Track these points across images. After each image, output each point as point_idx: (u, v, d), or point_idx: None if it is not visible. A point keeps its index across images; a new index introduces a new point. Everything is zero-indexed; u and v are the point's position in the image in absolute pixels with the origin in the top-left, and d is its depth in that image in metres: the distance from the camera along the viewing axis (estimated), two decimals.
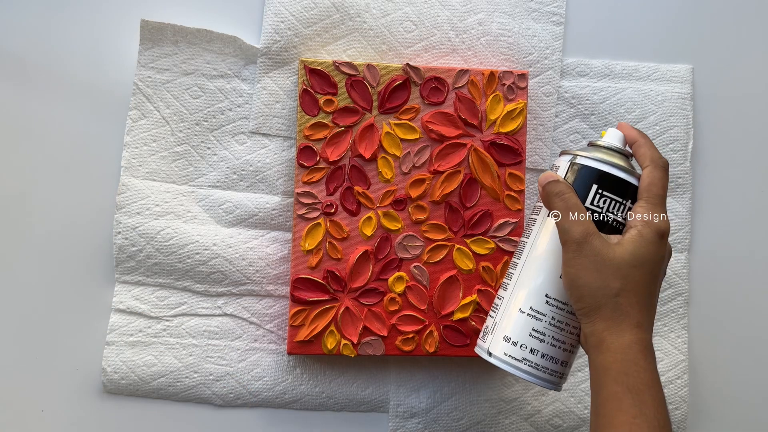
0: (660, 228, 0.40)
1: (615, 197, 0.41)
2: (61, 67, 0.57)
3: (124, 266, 0.55)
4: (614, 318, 0.39)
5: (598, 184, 0.41)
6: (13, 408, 0.55)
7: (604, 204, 0.41)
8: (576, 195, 0.41)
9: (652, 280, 0.40)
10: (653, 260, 0.40)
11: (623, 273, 0.39)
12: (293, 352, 0.53)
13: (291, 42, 0.56)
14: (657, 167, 0.41)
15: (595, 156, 0.42)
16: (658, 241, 0.40)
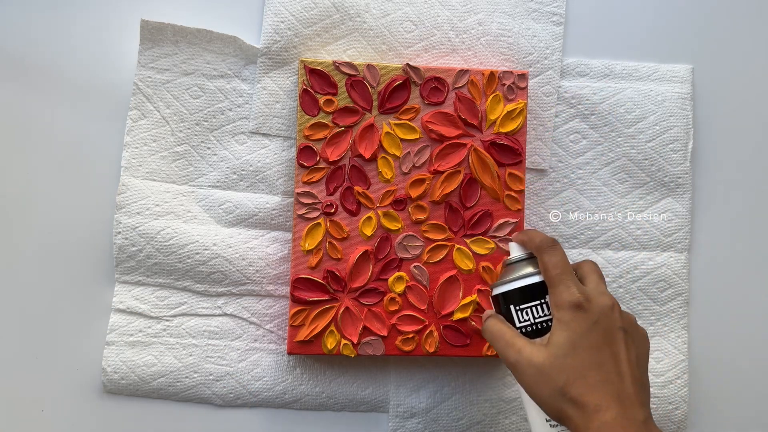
0: (568, 301, 0.40)
1: (531, 304, 0.43)
2: (61, 67, 0.57)
3: (124, 266, 0.55)
4: (578, 414, 0.38)
5: (512, 303, 0.44)
6: (13, 408, 0.55)
7: (529, 315, 0.43)
8: (499, 325, 0.43)
9: (601, 355, 0.39)
10: (585, 335, 0.40)
11: (560, 366, 0.39)
12: (293, 352, 0.54)
13: (291, 42, 0.56)
14: (542, 252, 0.43)
15: (500, 281, 0.45)
16: (575, 314, 0.40)
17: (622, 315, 0.42)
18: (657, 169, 0.58)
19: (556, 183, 0.58)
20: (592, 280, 0.43)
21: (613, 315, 0.41)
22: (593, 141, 0.58)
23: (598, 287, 0.42)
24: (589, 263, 0.45)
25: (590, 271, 0.44)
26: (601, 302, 0.41)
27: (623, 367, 0.39)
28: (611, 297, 0.42)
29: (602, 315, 0.40)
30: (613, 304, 0.41)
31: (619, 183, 0.58)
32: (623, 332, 0.40)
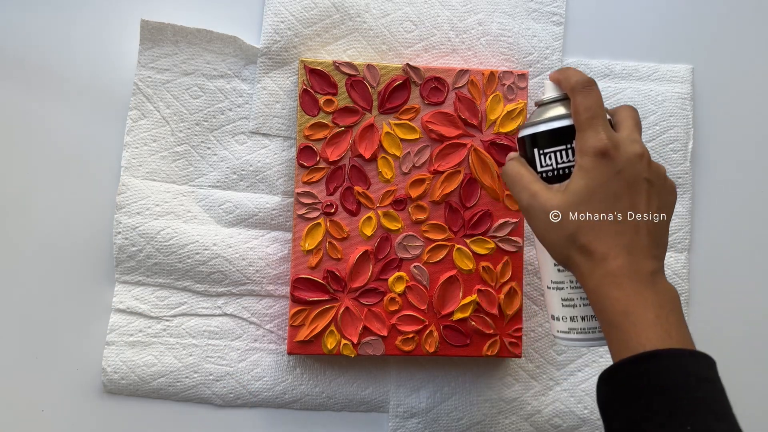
0: (593, 147, 0.38)
1: (556, 148, 0.41)
2: (61, 67, 0.57)
3: (124, 266, 0.55)
4: (584, 261, 0.38)
5: (536, 146, 0.42)
6: (13, 408, 0.55)
7: (551, 160, 0.41)
8: (517, 168, 0.42)
9: (618, 204, 0.38)
10: (606, 183, 0.38)
11: (572, 210, 0.38)
12: (293, 352, 0.53)
13: (291, 42, 0.56)
14: (575, 92, 0.40)
15: (529, 122, 0.43)
16: (599, 162, 0.38)
17: (651, 165, 0.39)
18: None
19: None
20: (627, 127, 0.40)
21: (640, 164, 0.39)
22: None
23: (631, 135, 0.40)
24: (627, 108, 0.42)
25: (627, 116, 0.41)
26: (630, 150, 0.39)
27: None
28: (642, 145, 0.39)
29: (628, 164, 0.38)
30: (642, 153, 0.39)
31: None
32: (647, 183, 0.39)
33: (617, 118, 0.42)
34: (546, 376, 0.57)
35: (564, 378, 0.57)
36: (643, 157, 0.39)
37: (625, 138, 0.39)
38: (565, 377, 0.57)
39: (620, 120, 0.41)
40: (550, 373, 0.57)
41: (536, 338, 0.57)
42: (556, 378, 0.57)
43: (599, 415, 0.57)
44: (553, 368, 0.57)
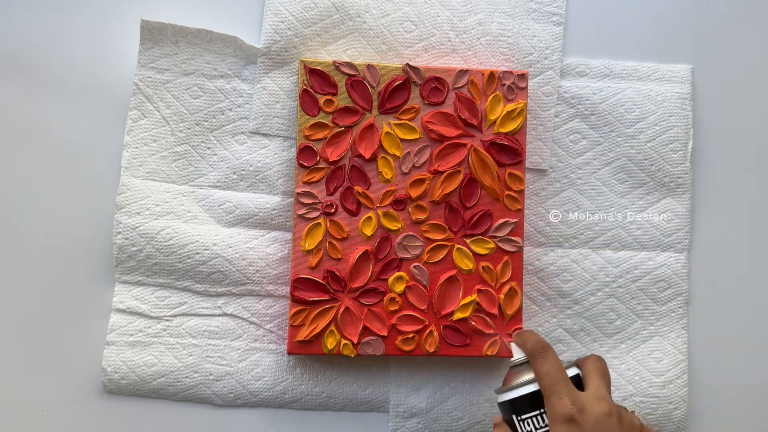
0: (559, 414, 0.39)
1: (532, 414, 0.42)
2: (61, 67, 0.57)
3: (125, 266, 0.55)
4: None
5: (514, 412, 0.43)
6: (13, 408, 0.55)
7: (531, 426, 0.42)
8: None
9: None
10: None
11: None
12: (293, 352, 0.54)
13: (291, 42, 0.56)
14: (533, 358, 0.42)
15: (505, 387, 0.44)
16: (568, 428, 0.39)
17: (622, 421, 0.40)
18: (657, 169, 0.58)
19: (556, 183, 0.58)
20: (592, 383, 0.41)
21: (608, 424, 0.39)
22: (593, 141, 0.58)
23: (596, 392, 0.40)
24: (592, 360, 0.43)
25: (592, 370, 0.42)
26: (597, 411, 0.39)
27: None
28: (608, 402, 0.40)
29: (596, 426, 0.38)
30: (609, 411, 0.39)
31: (619, 183, 0.58)
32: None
33: (584, 371, 0.42)
34: None
35: None
36: (611, 415, 0.39)
37: (591, 397, 0.40)
38: None
39: (586, 374, 0.42)
40: None
41: None
42: None
43: None
44: None
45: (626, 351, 0.58)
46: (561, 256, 0.58)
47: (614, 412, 0.39)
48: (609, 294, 0.58)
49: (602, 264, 0.58)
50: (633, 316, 0.58)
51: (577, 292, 0.58)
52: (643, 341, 0.58)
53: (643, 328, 0.58)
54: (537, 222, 0.58)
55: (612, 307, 0.58)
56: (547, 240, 0.58)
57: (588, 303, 0.58)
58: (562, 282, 0.58)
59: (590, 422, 0.39)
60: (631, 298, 0.58)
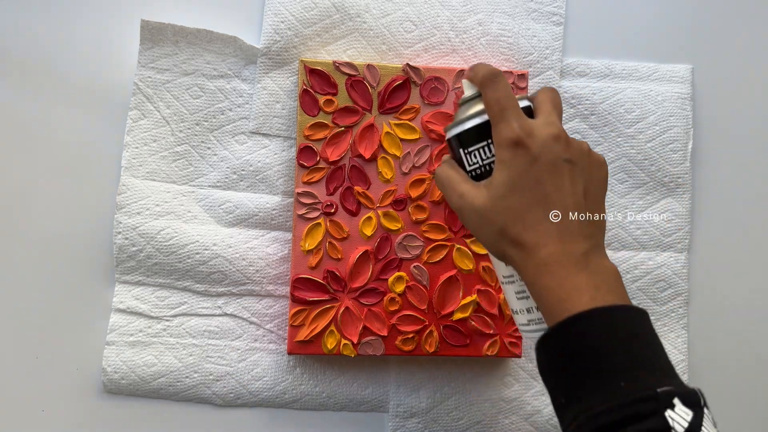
0: (507, 138, 0.38)
1: (479, 145, 0.40)
2: (61, 67, 0.57)
3: (125, 266, 0.55)
4: (517, 254, 0.37)
5: (462, 146, 0.41)
6: (13, 408, 0.55)
7: (477, 158, 0.41)
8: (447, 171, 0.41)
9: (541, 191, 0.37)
10: (525, 172, 0.37)
11: (499, 208, 0.38)
12: (293, 352, 0.54)
13: (291, 42, 0.56)
14: (484, 87, 0.40)
15: (453, 123, 0.42)
16: (514, 152, 0.37)
17: (569, 145, 0.38)
18: (657, 169, 0.58)
19: None
20: (543, 111, 0.40)
21: (556, 146, 0.37)
22: (593, 141, 0.58)
23: (547, 119, 0.39)
24: (544, 92, 0.41)
25: (544, 100, 0.40)
26: (544, 134, 0.37)
27: (567, 200, 0.37)
28: (557, 127, 0.38)
29: (544, 148, 0.37)
30: (557, 134, 0.38)
31: (619, 183, 0.58)
32: (568, 163, 0.38)
33: (535, 103, 0.41)
34: None
35: None
36: (559, 138, 0.38)
37: (540, 123, 0.39)
38: None
39: (538, 105, 0.40)
40: None
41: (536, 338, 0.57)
42: None
43: None
44: None
45: None
46: None
47: (563, 136, 0.38)
48: None
49: None
50: None
51: None
52: None
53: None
54: None
55: None
56: None
57: None
58: None
59: (537, 144, 0.37)
60: (631, 298, 0.58)
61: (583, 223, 0.37)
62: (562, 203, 0.37)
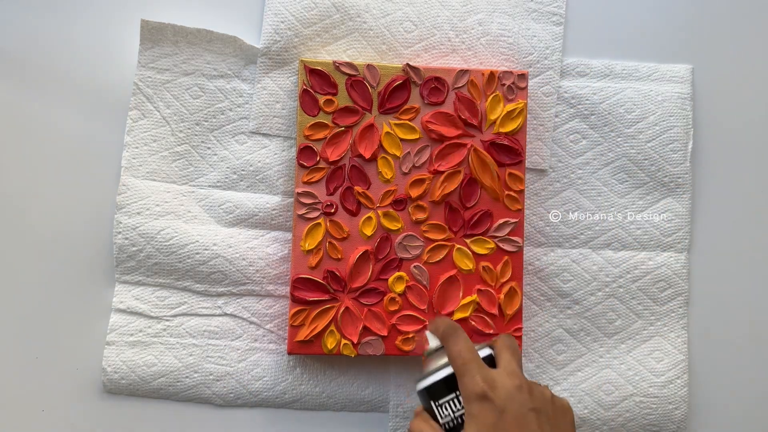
0: (472, 392, 0.39)
1: (448, 398, 0.42)
2: (61, 67, 0.57)
3: (125, 266, 0.55)
4: None
5: (432, 398, 0.43)
6: (13, 408, 0.55)
7: (448, 409, 0.42)
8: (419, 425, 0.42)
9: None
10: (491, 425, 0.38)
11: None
12: (293, 352, 0.54)
13: (291, 42, 0.56)
14: (445, 341, 0.42)
15: (422, 375, 0.44)
16: (481, 406, 0.39)
17: (533, 393, 0.40)
18: (657, 169, 0.58)
19: (556, 183, 0.58)
20: (504, 359, 0.42)
21: (520, 396, 0.39)
22: (593, 141, 0.58)
23: (507, 367, 0.41)
24: (503, 339, 0.43)
25: (502, 347, 0.43)
26: (507, 386, 0.39)
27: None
28: (519, 376, 0.40)
29: (508, 400, 0.39)
30: (520, 385, 0.40)
31: (619, 183, 0.58)
32: (534, 413, 0.39)
33: (495, 351, 0.43)
34: (546, 376, 0.57)
35: (564, 378, 0.57)
36: (522, 388, 0.40)
37: (502, 373, 0.40)
38: (565, 377, 0.57)
39: (497, 353, 0.43)
40: (550, 373, 0.57)
41: (536, 338, 0.57)
42: (556, 378, 0.57)
43: (599, 415, 0.57)
44: (553, 368, 0.57)
45: (626, 351, 0.58)
46: (561, 256, 0.58)
47: (525, 386, 0.40)
48: (609, 294, 0.58)
49: (602, 264, 0.58)
50: (633, 316, 0.58)
51: (577, 292, 0.58)
52: (643, 341, 0.58)
53: (643, 328, 0.58)
54: (537, 222, 0.58)
55: (612, 307, 0.58)
56: (547, 240, 0.58)
57: (588, 303, 0.58)
58: (562, 282, 0.58)
59: (502, 397, 0.39)
60: (631, 298, 0.58)
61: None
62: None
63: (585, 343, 0.58)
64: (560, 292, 0.58)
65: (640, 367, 0.57)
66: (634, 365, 0.57)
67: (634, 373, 0.57)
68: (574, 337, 0.58)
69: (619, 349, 0.58)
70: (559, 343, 0.57)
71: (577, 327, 0.58)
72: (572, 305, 0.58)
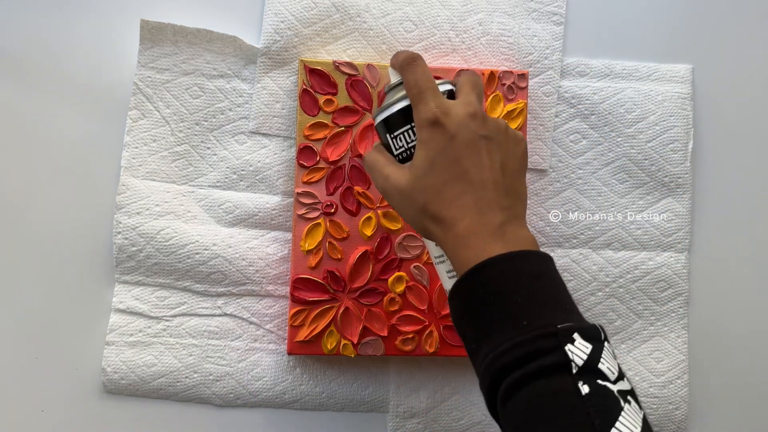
0: (425, 118, 0.39)
1: (402, 129, 0.41)
2: (61, 67, 0.57)
3: (124, 266, 0.55)
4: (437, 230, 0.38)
5: (387, 131, 0.42)
6: (13, 408, 0.55)
7: (402, 141, 0.42)
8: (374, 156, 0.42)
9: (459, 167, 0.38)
10: (443, 150, 0.38)
11: (420, 187, 0.39)
12: (293, 352, 0.53)
13: (291, 42, 0.56)
14: (403, 71, 0.41)
15: (378, 109, 0.43)
16: (433, 132, 0.39)
17: (486, 122, 0.39)
18: (657, 169, 0.58)
19: (556, 183, 0.58)
20: (463, 92, 0.41)
21: (473, 124, 0.39)
22: (593, 141, 0.58)
23: (465, 98, 0.40)
24: (464, 74, 0.43)
25: (464, 82, 0.42)
26: (460, 113, 0.39)
27: (484, 175, 0.38)
28: (474, 105, 0.40)
29: (461, 126, 0.38)
30: (474, 112, 0.39)
31: (619, 183, 0.58)
32: (485, 140, 0.39)
33: (457, 85, 0.42)
34: None
35: None
36: (476, 116, 0.39)
37: (458, 102, 0.40)
38: None
39: (458, 87, 0.42)
40: None
41: None
42: None
43: None
44: None
45: (626, 351, 0.58)
46: (561, 256, 0.58)
47: (479, 114, 0.39)
48: (609, 294, 0.58)
49: (602, 264, 0.58)
50: (633, 316, 0.58)
51: (577, 292, 0.57)
52: (644, 341, 0.58)
53: (644, 328, 0.58)
54: (537, 222, 0.58)
55: (612, 307, 0.58)
56: (547, 240, 0.58)
57: (588, 303, 0.58)
58: None
59: (454, 123, 0.39)
60: (632, 299, 0.58)
61: (500, 196, 0.38)
62: (480, 178, 0.38)
63: None
64: None
65: (640, 367, 0.57)
66: (634, 365, 0.57)
67: (634, 373, 0.57)
68: None
69: (620, 350, 0.58)
70: None
71: None
72: None
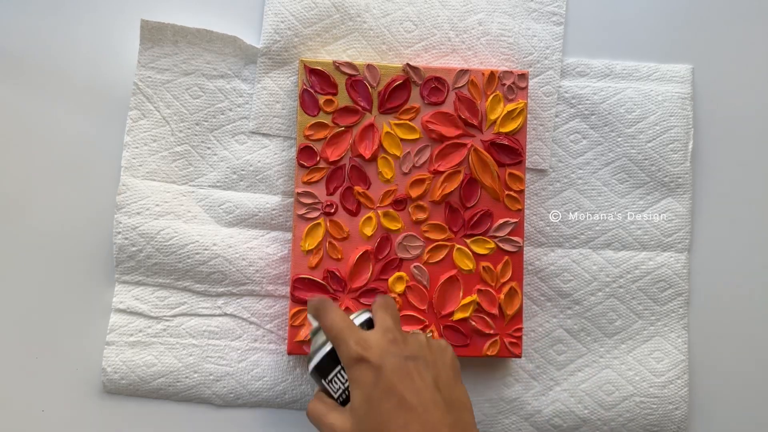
0: (349, 358, 0.39)
1: (334, 372, 0.42)
2: (61, 67, 0.57)
3: (124, 266, 0.55)
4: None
5: (322, 376, 0.43)
6: (13, 408, 0.55)
7: (338, 384, 0.42)
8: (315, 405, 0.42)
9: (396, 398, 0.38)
10: (375, 385, 0.38)
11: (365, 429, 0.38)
12: (293, 352, 0.53)
13: (291, 42, 0.56)
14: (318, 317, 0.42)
15: (309, 355, 0.44)
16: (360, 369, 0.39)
17: (407, 342, 0.40)
18: (657, 169, 0.58)
19: (556, 183, 0.58)
20: (378, 320, 0.42)
21: (394, 348, 0.39)
22: (593, 141, 0.58)
23: (382, 325, 0.41)
24: (377, 300, 0.44)
25: (377, 308, 0.43)
26: (381, 342, 0.39)
27: (423, 396, 0.38)
28: (391, 330, 0.40)
29: (384, 355, 0.39)
30: (393, 338, 0.40)
31: (619, 183, 0.58)
32: (412, 360, 0.39)
33: (372, 312, 0.43)
34: (546, 376, 0.57)
35: (564, 378, 0.57)
36: (396, 341, 0.40)
37: (376, 331, 0.40)
38: (565, 377, 0.57)
39: (373, 314, 0.43)
40: (550, 373, 0.57)
41: (536, 338, 0.57)
42: (556, 378, 0.57)
43: (600, 416, 0.57)
44: (553, 368, 0.57)
45: (626, 351, 0.58)
46: (561, 256, 0.58)
47: (399, 338, 0.40)
48: (609, 294, 0.58)
49: (602, 264, 0.58)
50: (633, 316, 0.58)
51: (578, 292, 0.58)
52: (644, 341, 0.58)
53: (644, 328, 0.58)
54: (537, 222, 0.58)
55: (612, 307, 0.58)
56: (548, 240, 0.58)
57: (588, 303, 0.58)
58: (563, 282, 0.58)
59: (377, 354, 0.39)
60: (632, 298, 0.58)
61: (443, 414, 0.38)
62: (420, 401, 0.38)
63: (585, 343, 0.58)
64: (560, 293, 0.58)
65: (640, 367, 0.57)
66: (634, 365, 0.57)
67: (634, 373, 0.57)
68: (575, 337, 0.58)
69: (620, 350, 0.58)
70: (560, 343, 0.57)
71: (578, 327, 0.58)
72: (572, 305, 0.58)
